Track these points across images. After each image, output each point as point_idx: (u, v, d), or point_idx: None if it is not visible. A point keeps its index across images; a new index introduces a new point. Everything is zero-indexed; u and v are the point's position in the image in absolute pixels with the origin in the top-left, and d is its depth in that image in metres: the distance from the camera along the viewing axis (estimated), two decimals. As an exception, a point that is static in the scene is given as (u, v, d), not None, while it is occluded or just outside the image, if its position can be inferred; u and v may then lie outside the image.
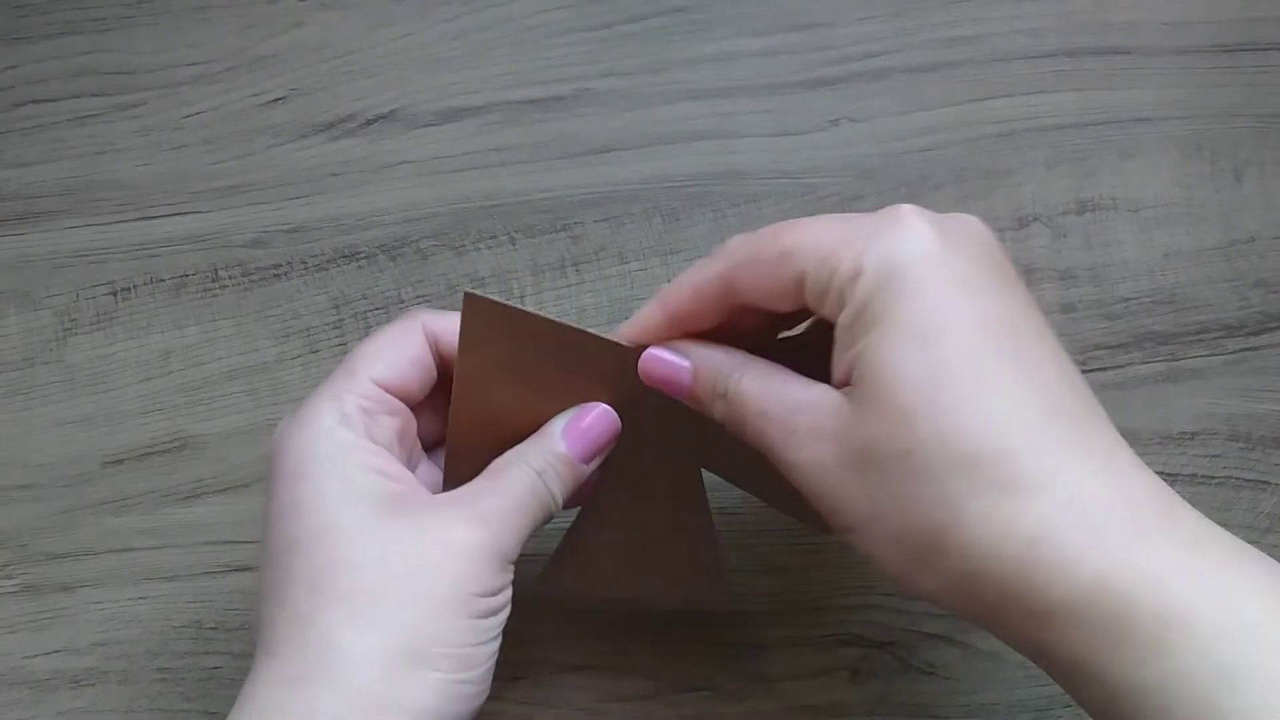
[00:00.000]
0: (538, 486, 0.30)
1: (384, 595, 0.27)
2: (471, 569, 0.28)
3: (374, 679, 0.26)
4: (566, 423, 0.31)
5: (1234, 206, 0.41)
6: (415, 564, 0.28)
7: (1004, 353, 0.25)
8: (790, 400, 0.27)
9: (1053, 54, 0.41)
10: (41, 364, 0.40)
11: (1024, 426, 0.24)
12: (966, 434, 0.24)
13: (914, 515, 0.25)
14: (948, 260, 0.26)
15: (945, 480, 0.24)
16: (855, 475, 0.26)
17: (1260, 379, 0.39)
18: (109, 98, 0.41)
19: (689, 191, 0.41)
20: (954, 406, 0.25)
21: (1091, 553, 0.23)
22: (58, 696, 0.38)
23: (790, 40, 0.41)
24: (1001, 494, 0.24)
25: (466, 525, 0.29)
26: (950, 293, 0.25)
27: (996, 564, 0.24)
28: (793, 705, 0.37)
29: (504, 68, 0.41)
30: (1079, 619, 0.23)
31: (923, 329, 0.25)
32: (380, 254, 0.40)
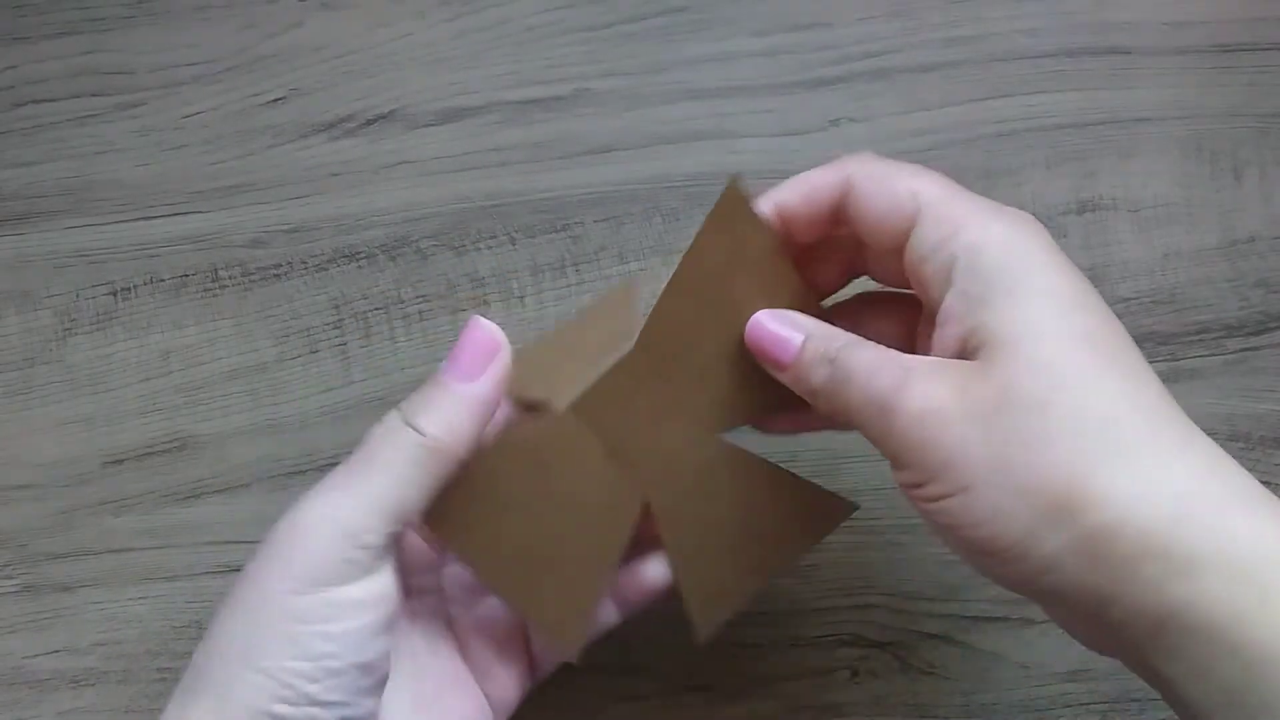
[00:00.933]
0: (398, 436, 0.26)
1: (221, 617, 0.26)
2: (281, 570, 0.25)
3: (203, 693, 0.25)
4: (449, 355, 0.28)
5: (1234, 206, 0.41)
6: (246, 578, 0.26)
7: (1125, 343, 0.26)
8: (905, 360, 0.27)
9: (1053, 54, 0.41)
10: (41, 364, 0.40)
11: (1153, 404, 0.25)
12: (1108, 393, 0.25)
13: (1050, 463, 0.24)
14: (1052, 247, 0.27)
15: (1087, 431, 0.24)
16: (980, 424, 0.25)
17: (1260, 379, 0.39)
18: (109, 98, 0.41)
19: (689, 191, 0.41)
20: (1095, 368, 0.25)
21: (1239, 514, 0.23)
22: (58, 696, 0.38)
23: (790, 40, 0.41)
24: (1144, 450, 0.24)
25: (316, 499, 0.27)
26: (1069, 274, 0.26)
27: (1140, 514, 0.23)
28: (793, 705, 0.37)
29: (504, 68, 0.41)
30: (1226, 576, 0.23)
31: (1062, 299, 0.26)
32: (380, 254, 0.40)
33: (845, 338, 0.28)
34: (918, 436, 0.25)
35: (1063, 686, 0.37)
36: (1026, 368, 0.25)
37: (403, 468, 0.26)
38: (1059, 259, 0.27)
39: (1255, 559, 0.23)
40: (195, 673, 0.26)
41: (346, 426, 0.39)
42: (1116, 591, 0.24)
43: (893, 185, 0.28)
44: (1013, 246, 0.26)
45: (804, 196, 0.29)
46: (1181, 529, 0.23)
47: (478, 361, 0.27)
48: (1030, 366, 0.25)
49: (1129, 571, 0.23)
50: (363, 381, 0.40)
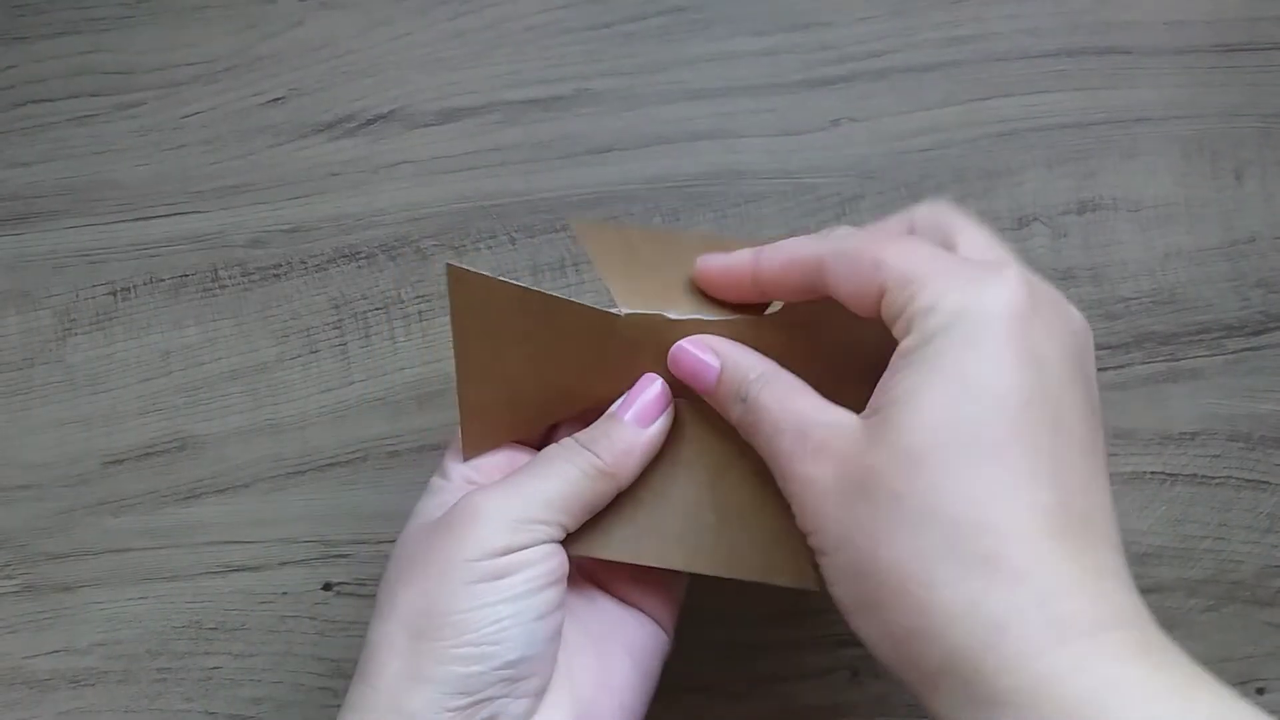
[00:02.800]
0: (575, 453, 0.30)
1: (397, 585, 0.29)
2: (468, 535, 0.28)
3: (390, 660, 0.28)
4: (623, 399, 0.31)
5: (1235, 206, 0.40)
6: (421, 551, 0.29)
7: (1033, 438, 0.25)
8: (806, 418, 0.28)
9: (1053, 54, 0.41)
10: (41, 364, 0.40)
11: (1023, 514, 0.24)
12: (963, 499, 0.24)
13: (883, 556, 0.24)
14: (1026, 329, 0.25)
15: (926, 534, 0.24)
16: (845, 500, 0.26)
17: (1261, 379, 0.39)
18: (108, 97, 0.41)
19: (689, 191, 0.41)
20: (961, 468, 0.24)
21: (1053, 653, 0.23)
22: (58, 696, 0.38)
23: (790, 40, 0.41)
24: (978, 566, 0.23)
25: (469, 498, 0.29)
26: (1010, 360, 0.25)
27: (951, 633, 0.23)
28: (793, 705, 0.37)
29: (504, 68, 0.41)
30: (1020, 715, 0.22)
31: (963, 383, 0.25)
32: (380, 254, 0.40)
33: (757, 373, 0.29)
34: (799, 499, 0.27)
35: (1063, 687, 0.37)
36: (899, 454, 0.25)
37: (576, 478, 0.30)
38: (1006, 338, 0.25)
39: (1053, 702, 0.22)
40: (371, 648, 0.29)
41: (346, 426, 0.39)
42: (922, 695, 0.24)
43: (857, 261, 0.28)
44: (960, 316, 0.25)
45: (783, 267, 0.30)
46: (987, 659, 0.23)
47: (652, 412, 0.31)
48: (903, 454, 0.25)
49: (932, 683, 0.24)
50: (363, 382, 0.40)
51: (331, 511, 0.39)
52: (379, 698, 0.28)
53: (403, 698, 0.28)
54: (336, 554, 0.39)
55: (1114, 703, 0.22)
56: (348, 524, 0.39)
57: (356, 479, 0.39)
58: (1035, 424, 0.25)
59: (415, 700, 0.27)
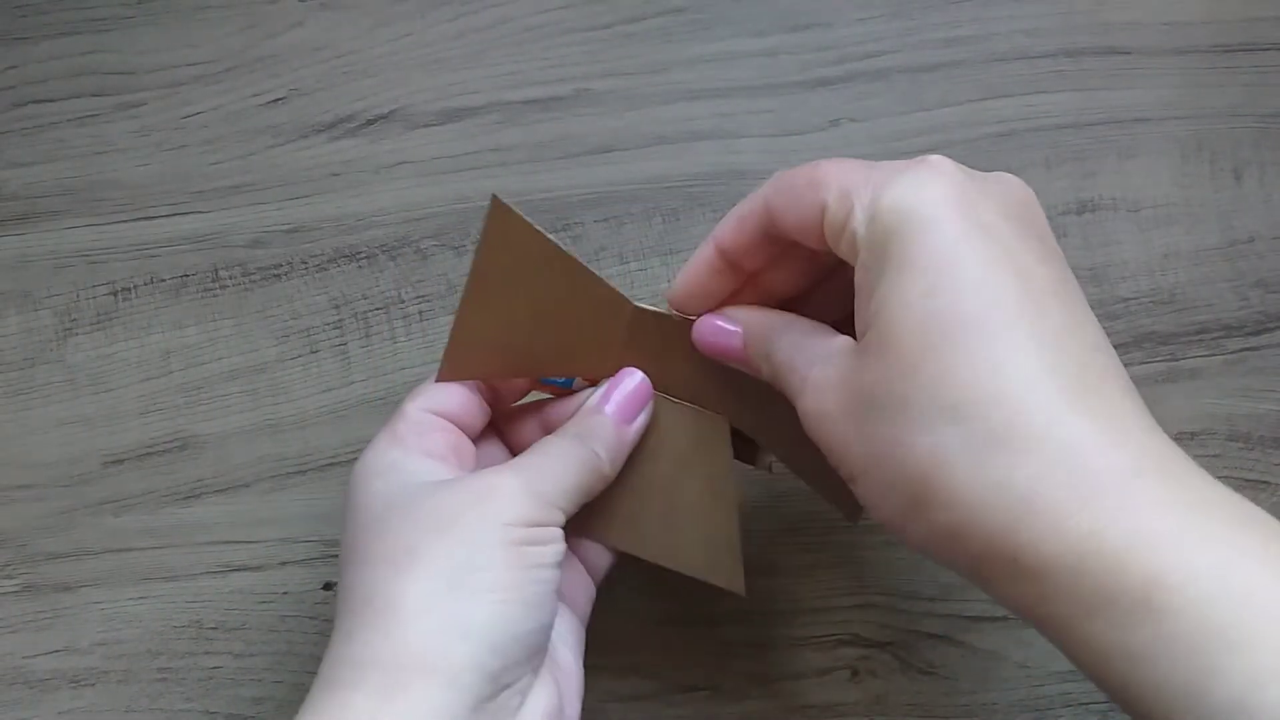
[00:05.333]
0: (580, 448, 0.31)
1: (418, 544, 0.28)
2: (501, 503, 0.28)
3: (420, 612, 0.27)
4: (602, 391, 0.32)
5: (1234, 206, 0.41)
6: (448, 513, 0.28)
7: (1014, 305, 0.24)
8: (812, 352, 0.28)
9: (1053, 54, 0.41)
10: (42, 364, 0.40)
11: (1024, 380, 0.24)
12: (963, 383, 0.24)
13: (905, 463, 0.25)
14: (972, 206, 0.25)
15: (938, 429, 0.24)
16: (855, 422, 0.26)
17: (1260, 379, 0.39)
18: (109, 98, 0.41)
19: (689, 191, 0.41)
20: (954, 355, 0.24)
21: (1084, 511, 0.23)
22: (58, 696, 0.38)
23: (790, 40, 0.41)
24: (994, 447, 0.23)
25: (496, 473, 0.30)
26: (968, 239, 0.25)
27: (985, 518, 0.24)
28: (793, 705, 0.37)
29: (504, 68, 0.41)
30: (1067, 578, 0.23)
31: (932, 274, 0.25)
32: (380, 254, 0.40)
33: (774, 327, 0.29)
34: (816, 434, 0.27)
35: (1062, 686, 0.37)
36: (892, 363, 0.25)
37: (581, 471, 0.31)
38: (947, 213, 0.25)
39: (1095, 558, 0.22)
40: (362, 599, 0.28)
41: (346, 426, 0.39)
42: (979, 581, 0.25)
43: (794, 184, 0.28)
44: (900, 211, 0.25)
45: (736, 227, 0.30)
46: (1021, 534, 0.23)
47: (635, 408, 0.32)
48: (895, 361, 0.25)
49: (982, 569, 0.24)
50: (363, 382, 0.40)
51: (332, 511, 0.39)
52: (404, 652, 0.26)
53: (439, 653, 0.26)
54: (336, 553, 0.39)
55: (1155, 550, 0.22)
56: (348, 524, 0.39)
57: (357, 479, 0.39)
58: (1010, 294, 0.24)
59: (455, 655, 0.26)
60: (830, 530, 0.38)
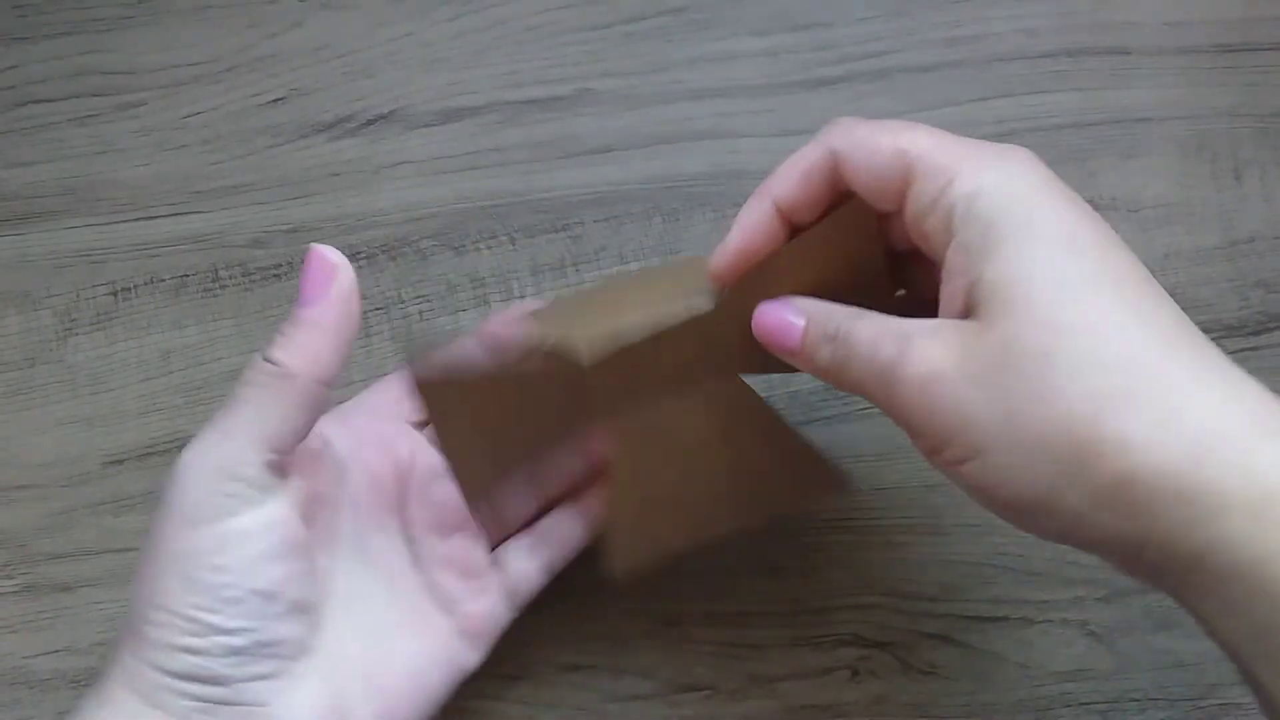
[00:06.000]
0: (255, 370, 0.29)
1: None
2: (176, 503, 0.28)
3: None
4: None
5: (1234, 206, 0.41)
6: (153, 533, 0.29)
7: (1133, 275, 0.25)
8: (904, 329, 0.26)
9: (1053, 54, 0.41)
10: (42, 364, 0.40)
11: (1164, 338, 0.24)
12: (1111, 338, 0.24)
13: (1057, 417, 0.23)
14: (1062, 188, 0.26)
15: (1092, 376, 0.23)
16: (983, 384, 0.24)
17: (1260, 379, 0.39)
18: (109, 98, 0.41)
19: (689, 191, 0.41)
20: (1095, 312, 0.24)
21: (1262, 449, 0.22)
22: (58, 696, 0.38)
23: (790, 40, 0.41)
24: (1157, 388, 0.23)
25: (188, 449, 0.29)
26: (1076, 213, 0.25)
27: (1157, 458, 0.22)
28: (793, 705, 0.37)
29: (504, 68, 0.41)
30: (1252, 516, 0.22)
31: (1057, 240, 0.25)
32: (380, 254, 0.40)
33: (845, 314, 0.28)
34: (924, 404, 0.25)
35: (1063, 686, 0.37)
36: (1025, 320, 0.24)
37: (264, 399, 0.28)
38: (1056, 195, 0.26)
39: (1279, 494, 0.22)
40: (123, 622, 0.28)
41: (347, 426, 0.39)
42: (1144, 538, 0.23)
43: (878, 148, 0.27)
44: (1007, 190, 0.25)
45: (797, 184, 0.28)
46: (1201, 469, 0.22)
47: (318, 286, 0.29)
48: (1029, 318, 0.24)
49: (1152, 518, 0.23)
50: (363, 382, 0.40)
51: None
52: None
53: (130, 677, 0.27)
54: (337, 554, 0.39)
55: None
56: (348, 524, 0.39)
57: (357, 479, 0.39)
58: (1128, 268, 0.25)
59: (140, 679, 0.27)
60: (830, 530, 0.38)
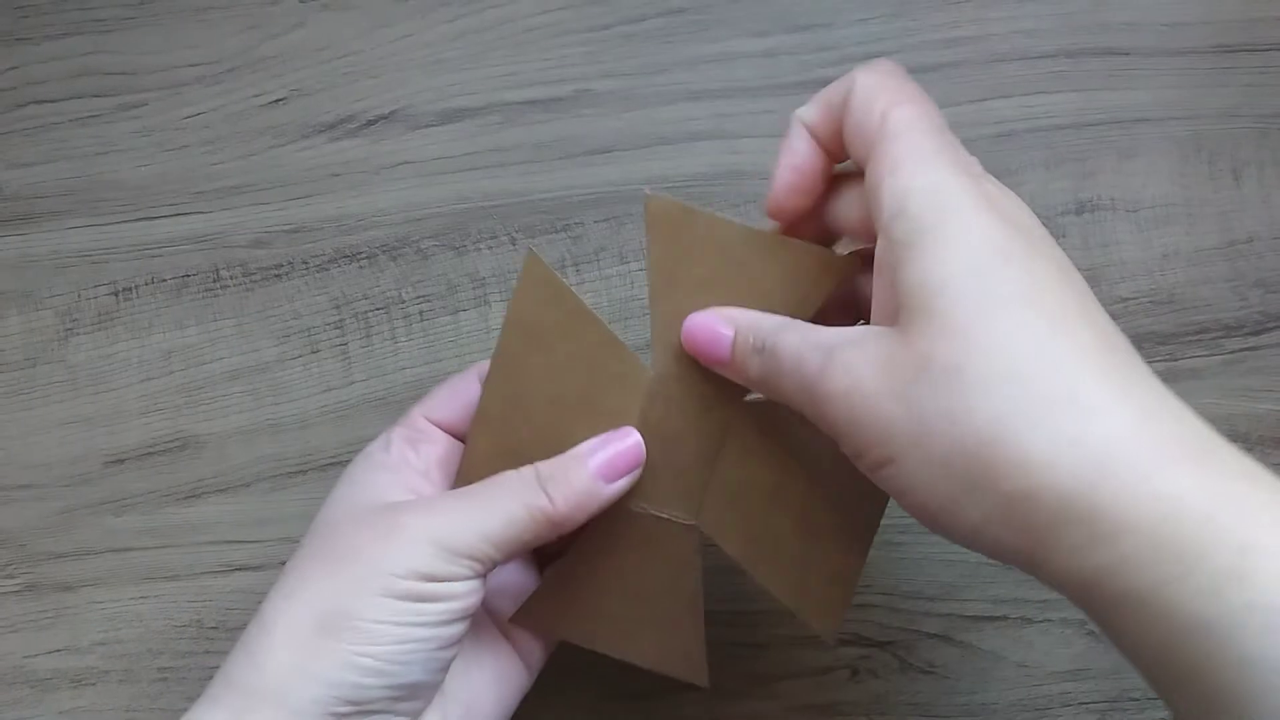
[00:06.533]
0: (529, 491, 0.29)
1: (311, 572, 0.28)
2: (397, 549, 0.27)
3: (285, 646, 0.27)
4: (593, 441, 0.30)
5: (1233, 207, 0.41)
6: (348, 545, 0.28)
7: (1058, 287, 0.25)
8: (827, 340, 0.27)
9: (1052, 55, 0.41)
10: (43, 364, 0.40)
11: (1081, 353, 0.24)
12: (1022, 350, 0.23)
13: (965, 430, 0.23)
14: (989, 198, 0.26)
15: (1000, 392, 0.23)
16: (898, 395, 0.24)
17: (1259, 379, 0.40)
18: (111, 98, 0.42)
19: (689, 191, 0.41)
20: (1010, 326, 0.24)
21: (1165, 472, 0.22)
22: (59, 696, 0.38)
23: (790, 40, 0.42)
24: (1063, 408, 0.23)
25: (412, 513, 0.28)
26: (998, 222, 0.25)
27: (1057, 479, 0.22)
28: (792, 705, 0.37)
29: (504, 68, 0.41)
30: (1149, 541, 0.22)
31: (987, 251, 0.24)
32: (381, 254, 0.41)
33: (772, 325, 0.28)
34: (845, 415, 0.25)
35: (1062, 685, 0.37)
36: (940, 332, 0.24)
37: (520, 518, 0.29)
38: (989, 205, 0.25)
39: (1179, 519, 0.22)
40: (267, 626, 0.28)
41: (347, 426, 0.40)
42: (1043, 555, 0.23)
43: (871, 105, 0.27)
44: (941, 193, 0.25)
45: (822, 113, 0.29)
46: (1099, 492, 0.22)
47: (620, 468, 0.30)
48: (944, 331, 0.24)
49: (1051, 538, 0.23)
50: (363, 382, 0.40)
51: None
52: (263, 679, 0.27)
53: (289, 689, 0.27)
54: (337, 553, 0.39)
55: (1243, 515, 0.21)
56: (348, 523, 0.39)
57: (357, 478, 0.39)
58: (1051, 276, 0.25)
59: (302, 695, 0.26)
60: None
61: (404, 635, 0.27)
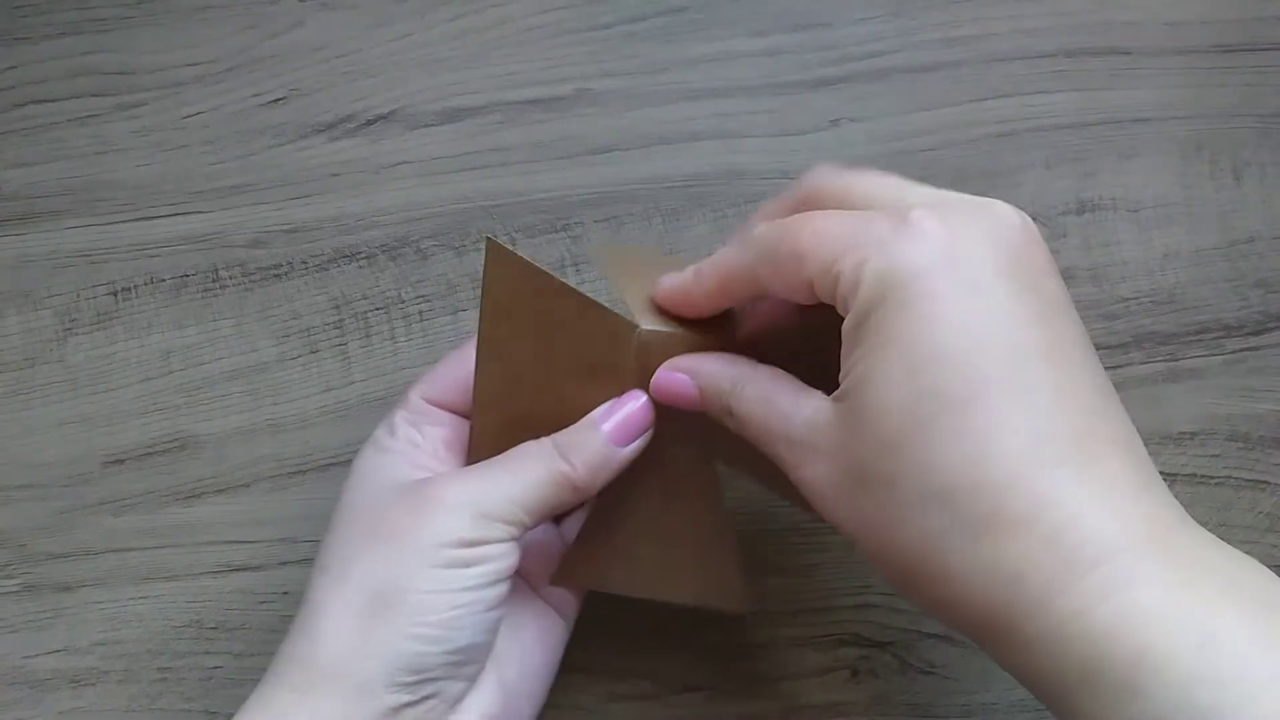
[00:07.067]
0: (551, 459, 0.30)
1: (355, 552, 0.29)
2: (436, 519, 0.29)
3: (342, 626, 0.28)
4: (604, 408, 0.31)
5: (1234, 207, 0.41)
6: (385, 522, 0.29)
7: (1003, 378, 0.24)
8: (787, 416, 0.28)
9: (1053, 54, 0.41)
10: (42, 364, 0.40)
11: (1011, 458, 0.24)
12: (948, 468, 0.24)
13: (896, 542, 0.25)
14: (957, 268, 0.25)
15: (926, 512, 0.24)
16: (845, 493, 0.26)
17: (1260, 379, 0.39)
18: (109, 98, 0.41)
19: (689, 191, 0.41)
20: (938, 438, 0.24)
21: (1071, 590, 0.23)
22: (58, 696, 0.38)
23: (790, 40, 0.41)
24: (982, 530, 0.24)
25: (445, 485, 0.30)
26: (952, 308, 0.24)
27: (976, 596, 0.24)
28: (792, 705, 0.37)
29: (504, 68, 0.41)
30: (1054, 655, 0.23)
31: (914, 352, 0.25)
32: (380, 254, 0.40)
33: (734, 381, 0.29)
34: (809, 497, 0.28)
35: (1062, 686, 0.37)
36: (877, 438, 0.25)
37: (545, 484, 0.30)
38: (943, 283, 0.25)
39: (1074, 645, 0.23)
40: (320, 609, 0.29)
41: (347, 426, 0.39)
42: (978, 644, 0.25)
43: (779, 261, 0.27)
44: (886, 284, 0.25)
45: (720, 289, 0.30)
46: (1015, 612, 0.24)
47: (633, 431, 0.31)
48: (881, 437, 0.25)
49: (979, 639, 0.25)
50: (363, 382, 0.40)
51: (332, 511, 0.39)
52: (325, 659, 0.28)
53: (352, 665, 0.28)
54: (337, 554, 0.39)
55: (1139, 629, 0.22)
56: (348, 524, 0.39)
57: (357, 479, 0.39)
58: (997, 364, 0.24)
59: (365, 670, 0.28)
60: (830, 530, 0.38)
61: (455, 601, 0.28)
